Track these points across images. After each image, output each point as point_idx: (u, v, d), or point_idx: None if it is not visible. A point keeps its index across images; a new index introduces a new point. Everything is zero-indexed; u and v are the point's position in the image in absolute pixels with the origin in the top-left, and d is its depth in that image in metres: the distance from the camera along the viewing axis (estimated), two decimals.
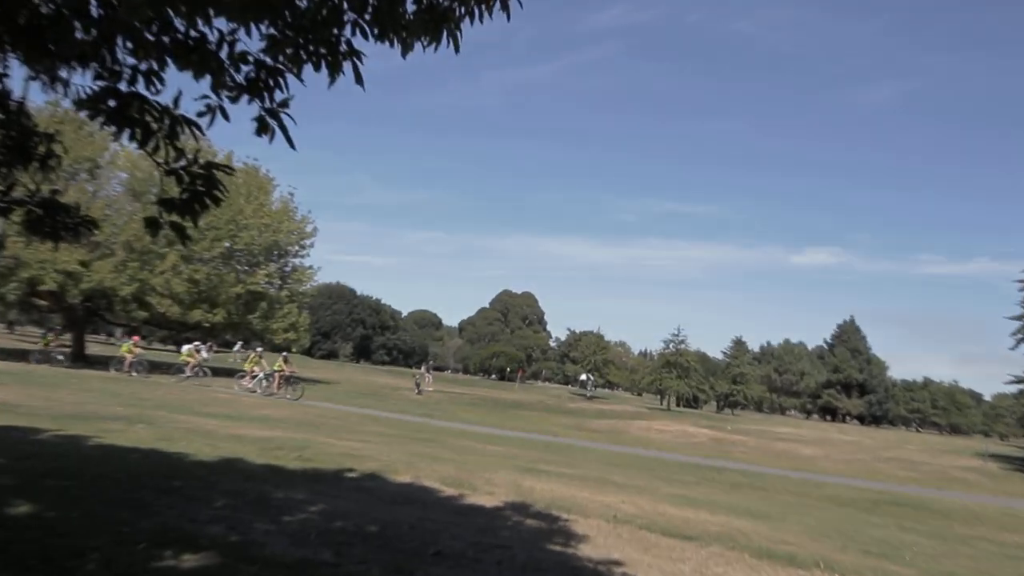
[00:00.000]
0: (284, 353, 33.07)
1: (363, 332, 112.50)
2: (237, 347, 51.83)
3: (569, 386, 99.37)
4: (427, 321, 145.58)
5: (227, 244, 37.24)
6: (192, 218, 4.44)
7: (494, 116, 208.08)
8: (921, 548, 10.93)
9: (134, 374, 31.47)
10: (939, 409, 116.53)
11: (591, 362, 77.75)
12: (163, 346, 71.31)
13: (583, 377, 76.39)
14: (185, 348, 34.61)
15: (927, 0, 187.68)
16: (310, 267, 43.88)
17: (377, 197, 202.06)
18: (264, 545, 6.46)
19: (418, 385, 47.61)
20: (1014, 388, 50.55)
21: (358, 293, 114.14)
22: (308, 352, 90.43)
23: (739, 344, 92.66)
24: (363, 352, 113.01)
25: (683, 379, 67.19)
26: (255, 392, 29.22)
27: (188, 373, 31.65)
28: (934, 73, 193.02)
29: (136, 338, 35.95)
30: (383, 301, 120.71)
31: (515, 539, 7.91)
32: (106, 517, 6.83)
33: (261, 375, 30.27)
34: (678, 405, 75.35)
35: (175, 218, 4.43)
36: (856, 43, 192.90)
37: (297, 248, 42.26)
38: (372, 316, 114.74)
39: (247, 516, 7.53)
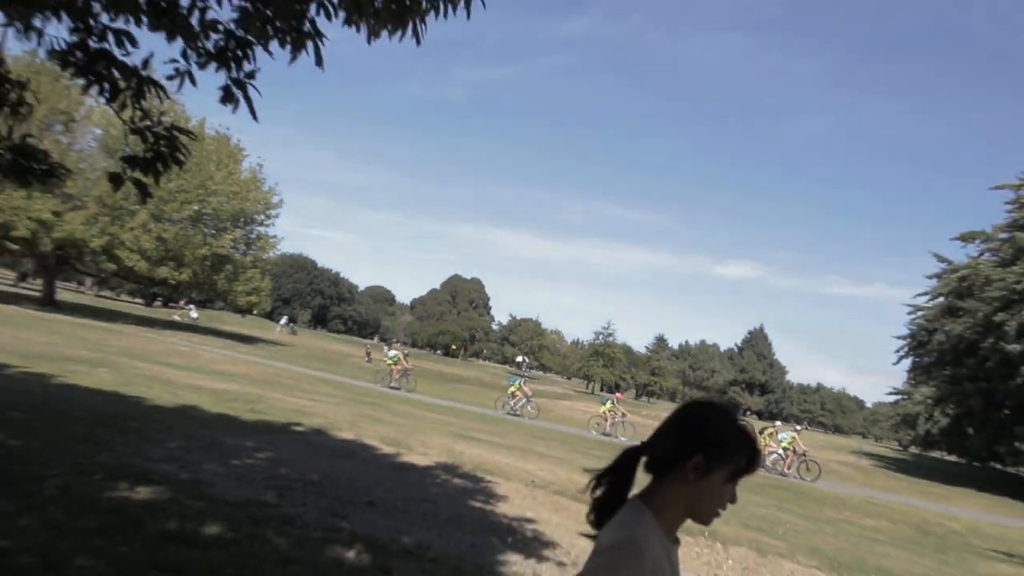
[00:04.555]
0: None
1: (321, 302, 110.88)
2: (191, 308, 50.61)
3: (507, 366, 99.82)
4: (381, 296, 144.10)
5: (196, 207, 36.26)
6: (154, 176, 4.33)
7: (458, 111, 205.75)
8: (793, 526, 11.43)
9: None
10: (827, 411, 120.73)
11: (528, 346, 78.52)
12: (131, 299, 69.25)
13: (519, 359, 77.02)
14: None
15: (855, 50, 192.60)
16: (274, 236, 43.07)
17: (341, 176, 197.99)
18: (212, 484, 6.49)
19: (368, 354, 47.29)
20: (892, 398, 52.94)
21: (318, 265, 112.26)
22: (268, 316, 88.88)
23: (660, 341, 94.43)
24: (320, 320, 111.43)
25: (608, 368, 68.30)
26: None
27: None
28: (858, 114, 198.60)
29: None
30: (342, 274, 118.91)
31: (441, 495, 8.06)
32: (66, 450, 6.77)
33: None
34: (601, 390, 76.45)
35: (138, 175, 4.30)
36: (792, 79, 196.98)
37: (263, 217, 41.38)
38: (330, 287, 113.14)
39: (198, 457, 7.53)
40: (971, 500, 25.27)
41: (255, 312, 59.39)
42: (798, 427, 27.02)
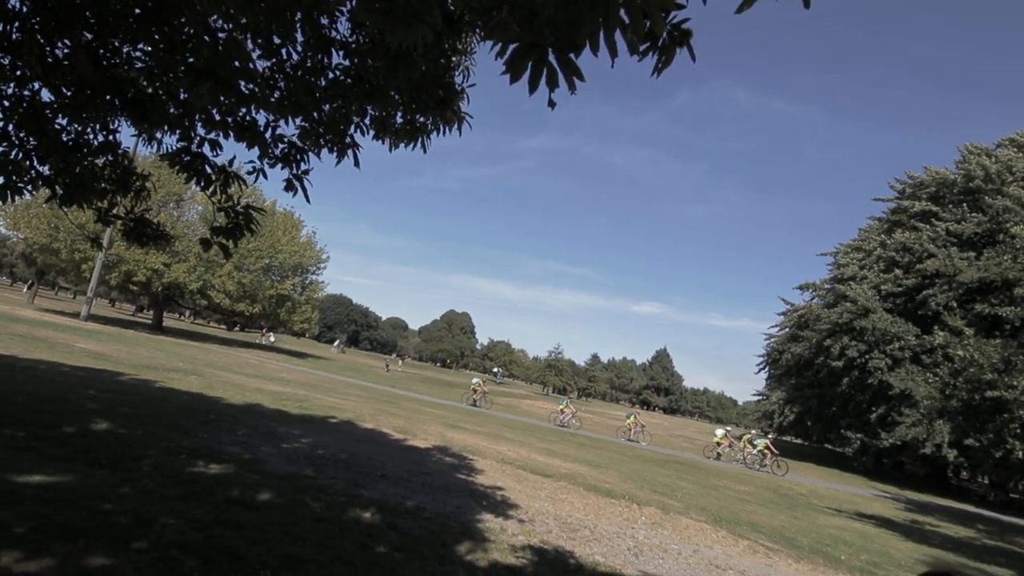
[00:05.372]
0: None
1: (354, 328, 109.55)
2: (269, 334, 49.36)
3: (486, 374, 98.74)
4: (398, 324, 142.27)
5: (266, 261, 35.73)
6: (233, 241, 4.33)
7: (454, 196, 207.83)
8: (687, 491, 11.31)
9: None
10: (711, 407, 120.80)
11: (501, 361, 77.88)
12: (217, 325, 67.56)
13: (496, 369, 76.13)
14: (474, 380, 28.08)
15: (727, 159, 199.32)
16: (322, 282, 42.44)
17: (371, 240, 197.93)
18: (266, 462, 6.25)
19: (387, 366, 46.44)
20: (756, 398, 53.36)
21: (353, 302, 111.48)
22: (317, 338, 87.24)
23: (595, 358, 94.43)
24: (353, 341, 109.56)
25: (558, 376, 67.91)
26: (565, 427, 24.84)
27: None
28: (730, 203, 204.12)
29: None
30: (370, 308, 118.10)
31: (436, 469, 7.86)
32: (159, 436, 6.48)
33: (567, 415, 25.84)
34: (553, 392, 75.75)
35: (222, 239, 4.31)
36: (683, 177, 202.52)
37: (314, 268, 40.86)
38: (361, 318, 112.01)
39: (257, 442, 7.26)
40: (811, 472, 25.27)
41: (307, 335, 58.33)
42: (768, 435, 27.00)
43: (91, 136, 4.36)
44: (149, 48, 3.99)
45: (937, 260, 27.60)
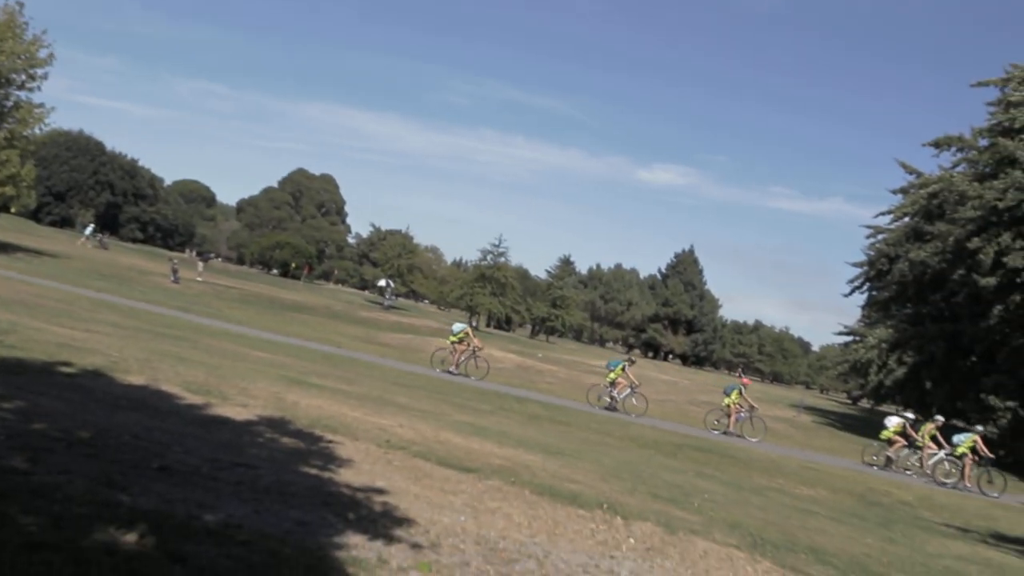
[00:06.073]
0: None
1: (111, 199, 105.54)
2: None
3: (366, 291, 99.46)
4: (197, 195, 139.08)
5: None
6: None
7: None
8: (713, 495, 12.04)
9: None
10: (765, 355, 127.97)
11: (394, 266, 77.79)
12: None
13: (382, 283, 76.39)
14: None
15: None
16: (41, 106, 40.43)
17: (142, 26, 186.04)
18: None
19: (175, 272, 45.84)
20: (842, 340, 56.32)
21: (107, 149, 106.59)
22: (34, 216, 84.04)
23: (566, 264, 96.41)
24: (109, 224, 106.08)
25: (498, 297, 69.15)
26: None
27: None
28: None
29: None
30: (141, 163, 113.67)
31: (264, 458, 7.94)
32: None
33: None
34: (488, 326, 77.70)
35: None
36: None
37: (24, 78, 38.65)
38: (124, 180, 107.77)
39: None
40: None
41: (13, 210, 56.13)
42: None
43: None
44: None
45: None
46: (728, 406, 25.14)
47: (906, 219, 41.38)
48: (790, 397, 56.23)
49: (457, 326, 28.13)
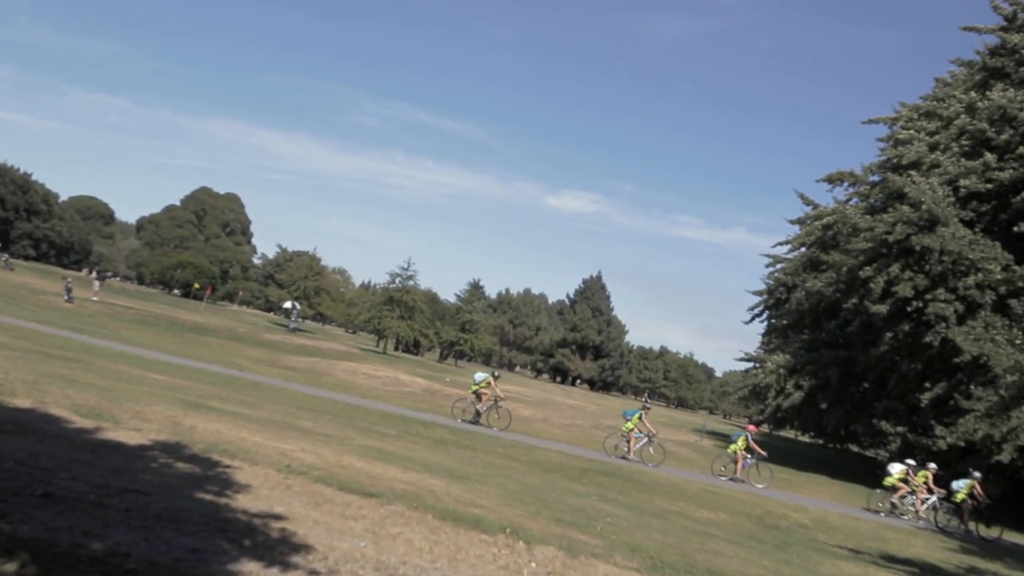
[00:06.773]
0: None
1: (1, 214, 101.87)
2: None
3: (271, 313, 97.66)
4: (94, 212, 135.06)
5: None
6: None
7: None
8: (616, 519, 12.20)
9: None
10: (670, 381, 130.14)
11: (300, 288, 76.89)
12: None
13: (287, 305, 75.10)
14: None
15: None
16: None
17: (36, 32, 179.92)
18: None
19: (69, 291, 44.34)
20: (743, 366, 57.67)
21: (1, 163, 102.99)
22: None
23: (475, 288, 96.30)
24: (1, 241, 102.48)
25: (406, 320, 68.78)
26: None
27: None
28: (728, 16, 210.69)
29: None
30: (34, 177, 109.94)
31: (156, 484, 7.75)
32: None
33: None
34: (396, 349, 77.12)
35: None
36: None
37: None
38: (16, 195, 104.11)
39: None
40: (821, 488, 28.32)
41: None
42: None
43: None
44: None
45: None
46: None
47: (803, 249, 42.84)
48: (694, 422, 57.30)
49: (479, 375, 27.69)
